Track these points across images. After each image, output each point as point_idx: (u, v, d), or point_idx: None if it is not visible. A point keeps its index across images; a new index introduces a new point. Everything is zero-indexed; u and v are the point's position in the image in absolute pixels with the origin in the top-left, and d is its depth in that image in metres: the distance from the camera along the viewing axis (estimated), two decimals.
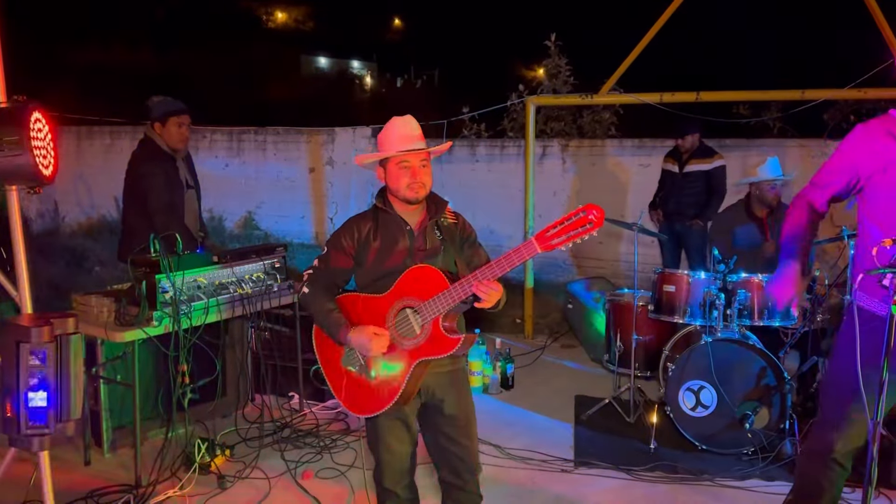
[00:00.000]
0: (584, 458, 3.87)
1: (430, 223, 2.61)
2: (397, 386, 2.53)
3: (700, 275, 4.15)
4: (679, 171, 5.97)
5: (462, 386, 2.69)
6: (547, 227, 2.35)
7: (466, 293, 2.41)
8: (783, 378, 3.81)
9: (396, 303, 2.52)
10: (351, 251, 2.60)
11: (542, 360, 5.66)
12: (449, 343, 2.47)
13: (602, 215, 2.28)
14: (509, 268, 2.36)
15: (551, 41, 8.56)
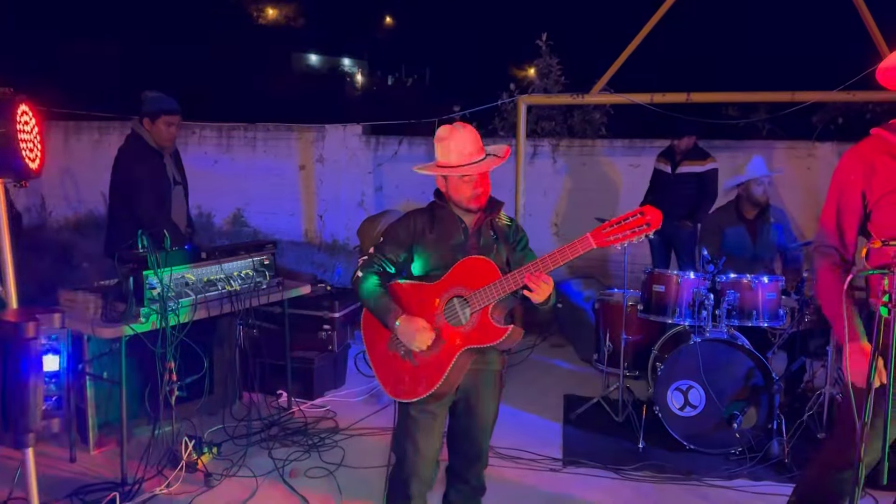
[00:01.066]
0: (573, 458, 3.88)
1: (486, 222, 2.68)
2: (441, 372, 2.56)
3: (689, 275, 4.16)
4: (672, 172, 5.98)
5: (496, 388, 2.74)
6: (604, 223, 2.40)
7: (518, 284, 2.45)
8: (771, 378, 3.83)
9: (447, 291, 2.58)
10: (406, 242, 2.68)
11: (532, 359, 5.66)
12: (497, 332, 2.51)
13: (659, 218, 2.35)
14: (563, 261, 2.42)
15: (542, 41, 8.56)
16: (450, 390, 2.61)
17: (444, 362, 2.56)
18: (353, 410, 4.46)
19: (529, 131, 8.48)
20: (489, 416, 2.72)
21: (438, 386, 2.55)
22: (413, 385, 2.60)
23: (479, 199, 2.62)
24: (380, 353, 2.71)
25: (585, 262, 7.79)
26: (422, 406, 2.62)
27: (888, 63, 2.41)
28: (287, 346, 4.42)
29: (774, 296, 4.04)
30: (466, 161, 2.59)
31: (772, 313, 4.03)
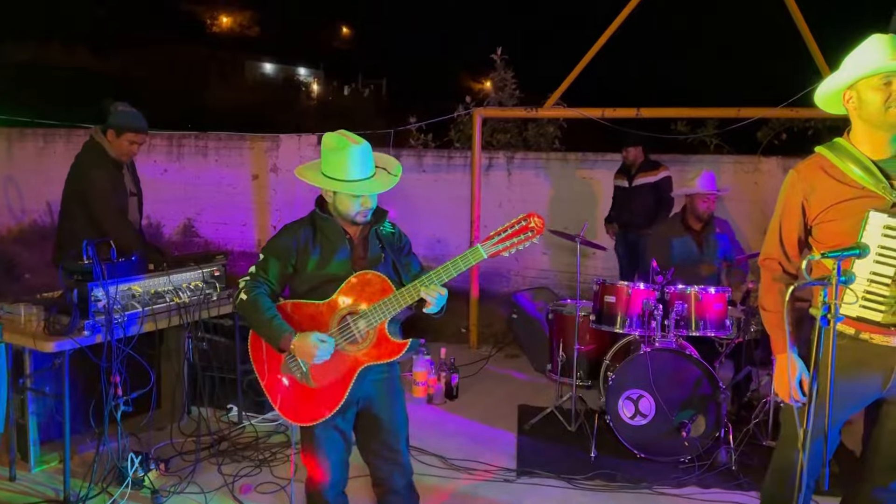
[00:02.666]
0: (526, 468, 3.90)
1: (370, 232, 2.64)
2: (341, 393, 2.52)
3: (639, 286, 4.24)
4: (629, 185, 6.27)
5: (396, 393, 2.73)
6: (491, 234, 2.43)
7: (414, 297, 2.45)
8: (718, 387, 3.92)
9: (339, 309, 2.53)
10: (288, 258, 2.59)
11: (487, 369, 5.68)
12: (396, 347, 2.50)
13: (543, 223, 2.40)
14: (456, 273, 2.44)
15: (497, 55, 8.66)
16: (350, 407, 2.59)
17: (344, 381, 2.52)
18: None
19: (485, 143, 8.55)
20: (397, 419, 2.69)
21: (340, 406, 2.53)
22: (313, 408, 2.55)
23: (366, 213, 2.57)
24: (274, 379, 2.62)
25: (539, 273, 7.88)
26: (325, 423, 2.58)
27: (823, 90, 2.52)
28: (238, 359, 4.35)
29: (721, 306, 4.14)
30: (358, 177, 2.51)
31: (719, 323, 4.13)
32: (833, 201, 2.42)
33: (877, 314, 2.31)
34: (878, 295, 2.31)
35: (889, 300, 2.31)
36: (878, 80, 2.35)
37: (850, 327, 2.42)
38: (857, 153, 2.41)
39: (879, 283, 2.30)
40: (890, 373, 2.41)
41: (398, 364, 2.73)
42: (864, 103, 2.40)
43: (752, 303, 4.41)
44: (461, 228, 6.47)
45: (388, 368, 2.67)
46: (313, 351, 2.46)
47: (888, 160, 2.40)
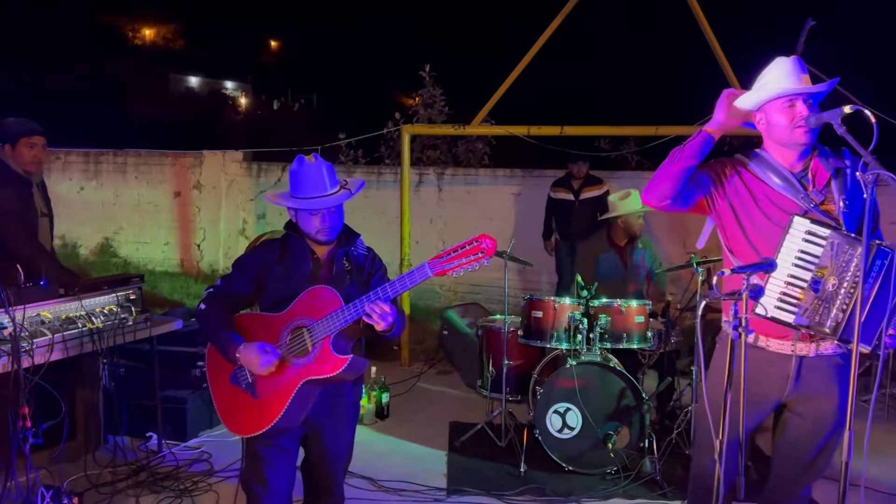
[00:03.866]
0: (457, 486, 3.88)
1: (339, 253, 2.66)
2: (282, 404, 2.50)
3: (565, 300, 4.31)
4: (576, 199, 6.50)
5: (348, 420, 2.72)
6: (441, 252, 2.44)
7: (359, 313, 2.45)
8: (642, 398, 4.01)
9: (292, 321, 2.55)
10: (254, 274, 2.65)
11: (419, 386, 5.65)
12: (336, 363, 2.48)
13: (494, 245, 2.39)
14: (402, 290, 2.45)
15: (426, 72, 8.71)
16: (294, 423, 2.56)
17: (285, 394, 2.51)
18: (230, 451, 4.26)
19: (415, 159, 8.58)
20: (340, 448, 2.70)
21: (279, 419, 2.50)
22: (254, 419, 2.54)
23: (326, 232, 2.61)
24: (222, 389, 2.64)
25: (470, 288, 7.93)
26: (267, 440, 2.56)
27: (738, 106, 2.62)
28: (157, 386, 4.18)
29: (643, 319, 4.25)
30: (312, 194, 2.58)
31: (641, 335, 4.24)
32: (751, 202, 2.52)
33: (790, 316, 2.40)
34: (793, 298, 2.40)
35: (802, 303, 2.40)
36: (782, 102, 2.47)
37: (751, 335, 2.51)
38: (774, 162, 2.53)
39: (796, 286, 2.40)
40: (786, 379, 2.51)
41: (354, 388, 2.72)
42: (771, 125, 2.52)
43: (673, 314, 4.55)
44: (393, 245, 6.45)
45: (340, 392, 2.66)
46: (256, 360, 2.48)
47: (801, 171, 2.53)
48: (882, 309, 2.33)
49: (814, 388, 2.51)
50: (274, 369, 2.50)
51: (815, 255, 2.36)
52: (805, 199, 2.46)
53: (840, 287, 2.33)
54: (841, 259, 2.33)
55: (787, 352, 2.49)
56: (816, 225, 2.37)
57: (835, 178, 2.49)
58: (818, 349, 2.48)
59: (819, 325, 2.36)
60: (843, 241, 2.33)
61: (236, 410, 2.60)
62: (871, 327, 2.34)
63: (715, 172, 2.60)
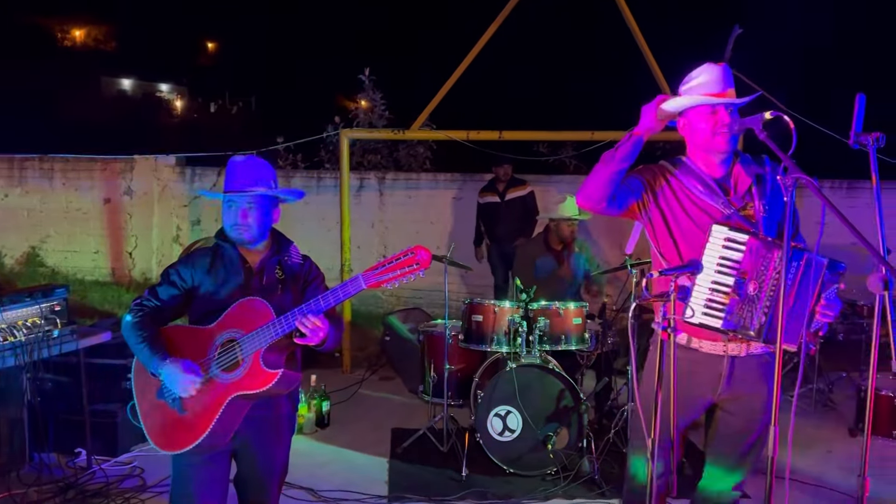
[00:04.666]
0: (398, 493, 3.86)
1: (272, 262, 2.57)
2: (209, 420, 2.42)
3: (505, 304, 4.34)
4: (501, 201, 6.69)
5: (280, 434, 2.63)
6: (375, 264, 2.39)
7: (290, 326, 2.38)
8: (580, 399, 4.07)
9: (221, 334, 2.46)
10: (183, 284, 2.55)
11: (360, 393, 5.60)
12: (266, 378, 2.40)
13: (429, 257, 2.35)
14: (335, 303, 2.38)
15: (365, 75, 8.67)
16: (223, 439, 2.48)
17: (212, 410, 2.43)
18: (163, 465, 4.09)
19: (356, 164, 8.53)
20: (273, 463, 2.62)
21: (206, 436, 2.43)
22: (181, 435, 2.46)
23: (241, 231, 2.51)
24: (149, 404, 2.54)
25: (413, 293, 7.91)
26: (195, 456, 2.48)
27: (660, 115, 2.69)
28: (85, 400, 4.02)
29: (581, 320, 4.32)
30: (237, 188, 2.50)
31: (579, 337, 4.30)
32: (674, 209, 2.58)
33: (717, 321, 2.47)
34: (719, 303, 2.47)
35: (728, 308, 2.46)
36: (705, 109, 2.55)
37: (683, 336, 2.58)
38: (696, 169, 2.60)
39: (720, 291, 2.47)
40: (719, 379, 2.59)
41: (288, 400, 2.64)
42: (694, 131, 2.59)
43: (609, 316, 4.64)
44: (333, 250, 6.39)
45: (272, 405, 2.58)
46: (177, 380, 2.41)
47: (723, 177, 2.60)
48: (803, 307, 2.42)
49: (744, 387, 2.59)
50: (195, 392, 2.42)
51: (736, 261, 2.43)
52: (726, 205, 2.54)
53: (761, 290, 2.41)
54: (760, 263, 2.41)
55: (719, 352, 2.56)
56: (735, 231, 2.44)
57: (756, 184, 2.57)
58: (749, 349, 2.56)
59: (745, 328, 2.43)
60: (761, 245, 2.41)
61: (163, 426, 2.50)
62: (795, 326, 2.42)
63: (645, 178, 2.65)
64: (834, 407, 5.32)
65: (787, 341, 2.40)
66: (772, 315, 2.38)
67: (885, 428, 4.70)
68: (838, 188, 7.54)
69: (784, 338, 2.35)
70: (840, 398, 5.41)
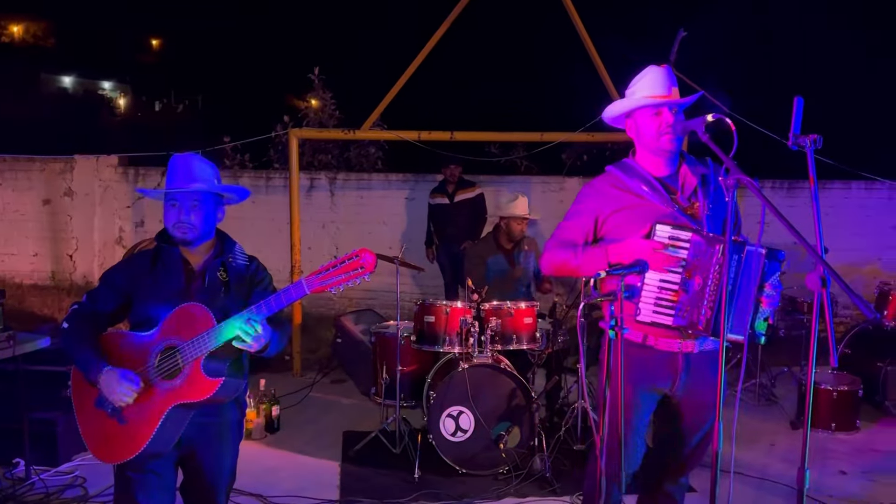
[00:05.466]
0: (350, 497, 3.82)
1: (215, 264, 2.49)
2: (150, 430, 2.34)
3: (457, 304, 4.34)
4: (451, 202, 6.78)
5: (228, 440, 2.56)
6: (319, 268, 2.34)
7: (232, 333, 2.31)
8: (531, 397, 4.10)
9: (161, 341, 2.38)
10: (122, 288, 2.46)
11: (311, 397, 5.52)
12: (208, 386, 2.33)
13: (374, 260, 2.29)
14: (276, 308, 2.32)
15: (315, 75, 8.57)
16: (166, 448, 2.41)
17: (153, 420, 2.35)
18: (106, 475, 3.96)
19: (306, 164, 8.42)
20: (220, 471, 2.55)
21: (147, 445, 2.35)
22: (121, 445, 2.38)
23: (183, 230, 2.43)
24: (88, 413, 2.45)
25: (365, 294, 7.86)
26: (138, 466, 2.40)
27: (607, 114, 2.76)
28: (23, 408, 3.86)
29: (532, 320, 4.35)
30: (178, 186, 2.43)
31: (530, 336, 4.33)
32: (622, 214, 2.63)
33: (667, 318, 2.51)
34: (668, 300, 2.52)
35: (677, 305, 2.51)
36: (650, 110, 2.60)
37: (638, 334, 2.62)
38: (642, 171, 2.65)
39: (668, 289, 2.51)
40: (675, 376, 2.64)
41: (234, 406, 2.57)
42: (640, 132, 2.65)
43: (560, 315, 4.69)
44: (284, 251, 6.29)
45: (218, 412, 2.50)
46: (114, 389, 2.32)
47: (668, 176, 2.66)
48: (747, 298, 2.47)
49: (698, 382, 2.65)
50: (132, 401, 2.34)
51: (681, 258, 2.48)
52: (670, 204, 2.59)
53: (706, 285, 2.46)
54: (704, 258, 2.46)
55: (675, 349, 2.61)
56: (678, 229, 2.49)
57: (701, 185, 2.64)
58: (702, 345, 2.62)
59: (694, 324, 2.48)
60: (704, 241, 2.47)
61: (104, 436, 2.41)
62: (741, 318, 2.48)
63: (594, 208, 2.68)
64: (776, 401, 5.48)
65: (735, 332, 2.46)
66: (717, 308, 2.43)
67: (825, 421, 4.87)
68: (779, 188, 7.79)
69: (731, 329, 2.41)
70: (782, 392, 5.58)
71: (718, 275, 2.42)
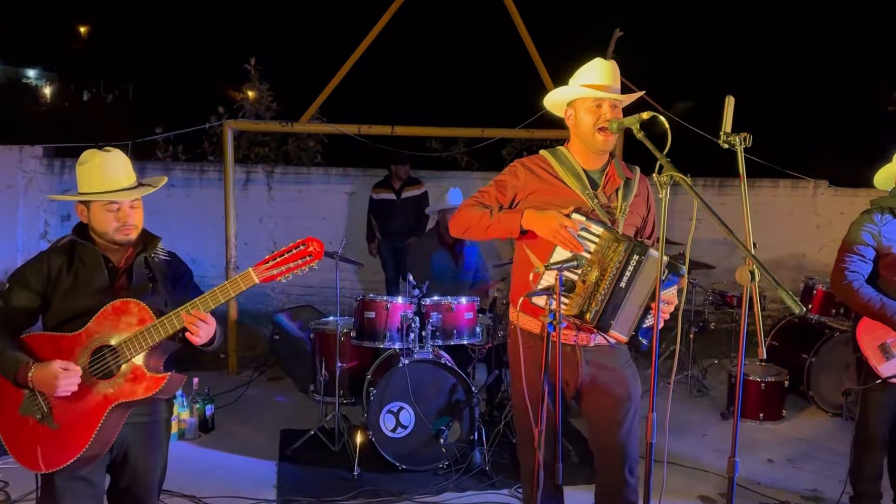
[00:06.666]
0: (287, 496, 3.76)
1: (138, 260, 2.41)
2: (89, 433, 2.25)
3: (398, 300, 4.31)
4: (397, 199, 6.76)
5: (159, 440, 2.49)
6: (267, 257, 2.32)
7: (176, 326, 2.25)
8: (471, 392, 4.11)
9: (91, 341, 2.28)
10: (38, 288, 2.33)
11: (248, 395, 5.40)
12: (154, 382, 2.27)
13: (321, 248, 2.31)
14: (224, 299, 2.28)
15: (251, 65, 8.37)
16: (102, 451, 2.33)
17: (92, 421, 2.26)
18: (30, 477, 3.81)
19: (242, 157, 8.22)
20: (154, 472, 2.49)
21: (87, 448, 2.26)
22: (54, 452, 2.27)
23: (128, 231, 2.37)
24: (11, 421, 2.32)
25: (305, 290, 7.73)
26: (68, 472, 2.30)
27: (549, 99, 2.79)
28: None
29: (472, 315, 4.36)
30: (113, 187, 2.35)
31: (470, 331, 4.34)
32: (543, 196, 2.66)
33: (563, 307, 2.51)
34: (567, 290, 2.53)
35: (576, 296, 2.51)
36: (591, 102, 2.63)
37: (536, 325, 2.63)
38: (573, 160, 2.70)
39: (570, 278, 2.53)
40: (576, 369, 2.67)
41: (165, 404, 2.51)
42: (578, 122, 2.68)
43: (500, 310, 4.71)
44: (219, 246, 6.12)
45: (151, 411, 2.43)
46: (55, 381, 2.20)
47: (597, 171, 2.72)
48: (635, 302, 2.50)
49: (603, 376, 2.68)
50: (76, 389, 2.23)
51: (588, 251, 2.51)
52: (591, 197, 2.64)
53: (603, 279, 2.48)
54: (608, 255, 2.49)
55: (571, 342, 2.65)
56: (592, 222, 2.53)
57: (623, 187, 2.71)
58: (595, 339, 2.65)
59: (583, 314, 2.48)
60: (612, 238, 2.50)
61: (32, 444, 2.28)
62: (629, 318, 2.51)
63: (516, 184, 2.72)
64: (707, 392, 5.66)
65: (619, 331, 2.50)
66: (606, 305, 2.46)
67: (754, 411, 5.05)
68: (710, 186, 8.03)
69: (617, 327, 2.45)
70: (713, 384, 5.77)
71: (615, 272, 2.45)
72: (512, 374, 2.88)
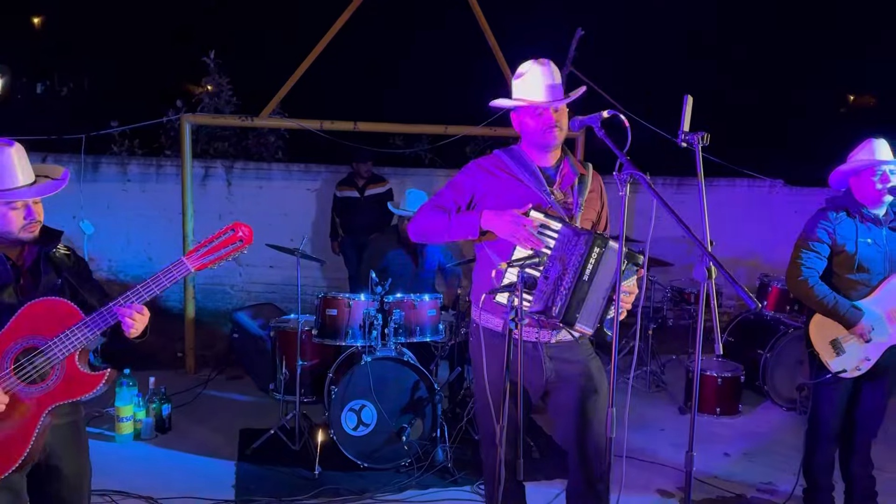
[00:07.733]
0: (246, 497, 3.70)
1: (41, 256, 2.31)
2: (26, 442, 2.17)
3: (360, 297, 4.28)
4: (361, 196, 6.70)
5: (82, 438, 2.44)
6: (196, 246, 2.29)
7: (109, 322, 2.18)
8: (434, 389, 4.11)
9: (13, 344, 2.17)
10: None
11: (206, 395, 5.31)
12: (91, 381, 2.21)
13: (251, 232, 2.29)
14: (159, 290, 2.24)
15: (210, 58, 8.22)
16: (35, 457, 2.25)
17: (27, 429, 2.18)
18: None
19: (201, 151, 8.07)
20: (80, 473, 2.43)
21: (24, 457, 2.18)
22: None
23: (33, 228, 2.29)
24: None
25: (266, 287, 7.63)
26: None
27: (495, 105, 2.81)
28: None
29: (435, 312, 4.35)
30: (15, 185, 2.23)
31: (433, 328, 4.33)
32: (500, 195, 2.69)
33: (526, 303, 2.52)
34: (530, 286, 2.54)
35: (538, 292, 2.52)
36: (532, 109, 2.70)
37: (499, 323, 2.65)
38: (527, 158, 2.74)
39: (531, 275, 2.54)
40: (540, 366, 2.69)
41: (81, 406, 2.42)
42: (524, 128, 2.76)
43: (463, 307, 4.71)
44: (176, 243, 5.99)
45: (73, 410, 2.36)
46: None
47: (551, 168, 2.77)
48: (599, 294, 2.53)
49: (569, 369, 2.71)
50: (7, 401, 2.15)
51: (549, 247, 2.53)
52: (547, 193, 2.67)
53: (565, 274, 2.50)
54: (568, 249, 2.51)
55: (533, 339, 2.66)
56: (550, 219, 2.56)
57: (578, 183, 2.76)
58: (557, 335, 2.68)
59: (549, 309, 2.50)
60: (571, 233, 2.53)
61: None
62: (593, 311, 2.53)
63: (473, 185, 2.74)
64: (665, 387, 5.75)
65: (584, 325, 2.52)
66: (569, 299, 2.48)
67: (710, 406, 5.15)
68: (669, 185, 8.15)
69: (581, 320, 2.48)
70: (671, 379, 5.86)
71: (576, 267, 2.48)
72: (475, 372, 2.88)
